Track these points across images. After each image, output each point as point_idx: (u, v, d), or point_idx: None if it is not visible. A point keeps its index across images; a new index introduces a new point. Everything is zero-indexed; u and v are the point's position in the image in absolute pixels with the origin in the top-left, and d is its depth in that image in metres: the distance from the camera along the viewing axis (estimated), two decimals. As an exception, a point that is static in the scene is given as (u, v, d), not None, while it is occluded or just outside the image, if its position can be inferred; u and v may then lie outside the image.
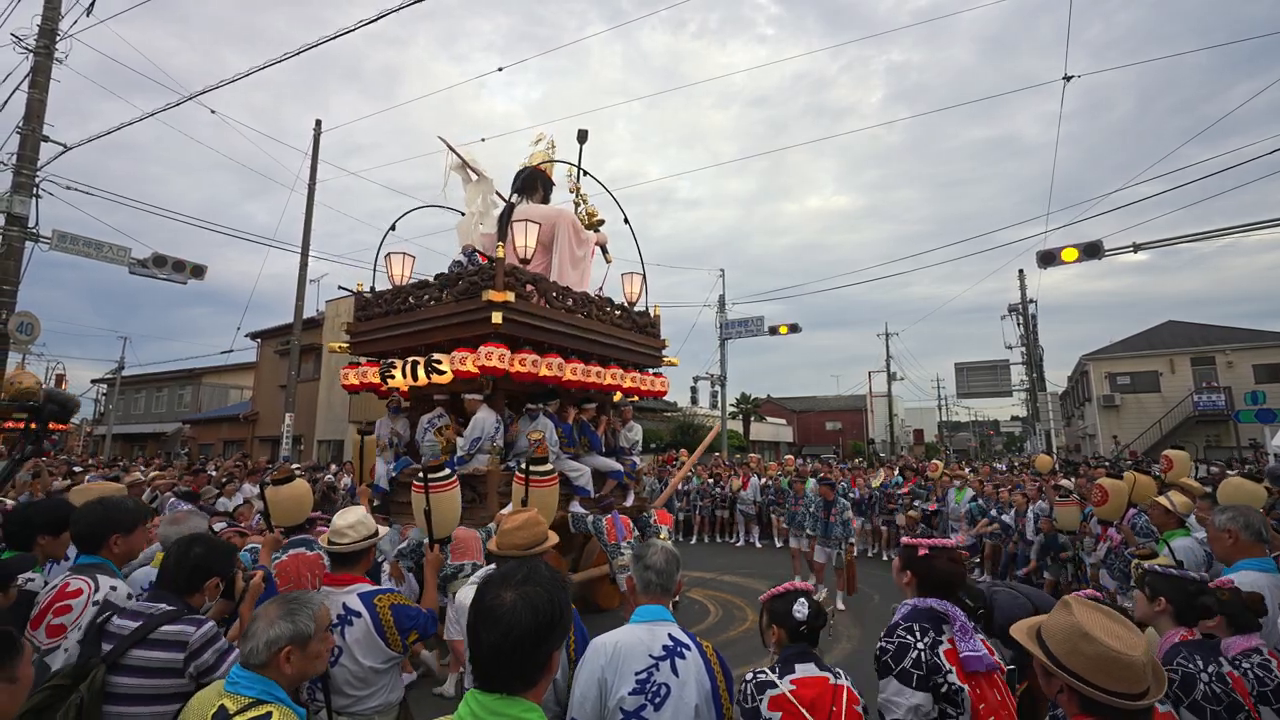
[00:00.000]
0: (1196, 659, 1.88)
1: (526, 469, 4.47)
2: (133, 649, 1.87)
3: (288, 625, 1.66)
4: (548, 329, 6.47)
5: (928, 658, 1.82)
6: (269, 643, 1.62)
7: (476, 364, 5.87)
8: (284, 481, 3.52)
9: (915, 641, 1.85)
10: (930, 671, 1.80)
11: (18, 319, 9.17)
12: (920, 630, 1.88)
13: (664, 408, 32.26)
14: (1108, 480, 5.31)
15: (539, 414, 6.43)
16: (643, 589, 2.02)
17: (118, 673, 1.83)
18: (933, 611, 1.91)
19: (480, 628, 1.24)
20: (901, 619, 1.96)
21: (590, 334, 6.97)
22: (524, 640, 1.22)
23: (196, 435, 29.21)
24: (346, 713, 2.31)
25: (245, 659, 1.61)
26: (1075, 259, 12.66)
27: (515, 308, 5.96)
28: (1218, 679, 1.84)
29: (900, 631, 1.90)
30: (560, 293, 6.81)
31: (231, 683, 1.58)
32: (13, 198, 9.12)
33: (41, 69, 9.42)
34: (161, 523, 2.96)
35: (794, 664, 1.85)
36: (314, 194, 15.56)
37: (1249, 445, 18.60)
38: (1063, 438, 31.14)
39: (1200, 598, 2.08)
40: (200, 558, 2.10)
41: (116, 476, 7.96)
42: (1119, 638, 1.41)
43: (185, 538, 2.20)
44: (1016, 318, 25.16)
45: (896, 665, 1.84)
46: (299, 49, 10.45)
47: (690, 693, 1.80)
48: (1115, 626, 1.45)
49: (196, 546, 2.13)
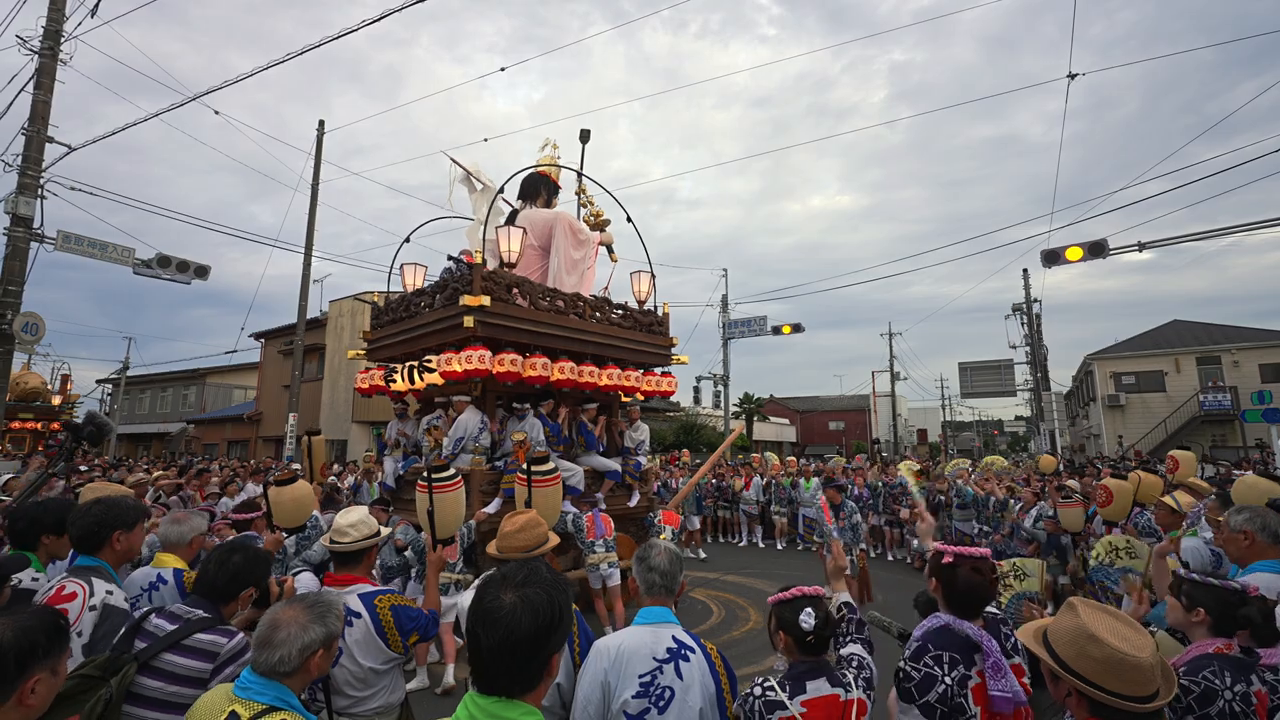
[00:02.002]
0: (1226, 675, 1.78)
1: (529, 469, 4.45)
2: (165, 652, 1.86)
3: (321, 629, 1.62)
4: (531, 330, 6.53)
5: (953, 695, 1.74)
6: (304, 648, 1.57)
7: (458, 366, 6.08)
8: (287, 483, 3.53)
9: (943, 675, 1.76)
10: (954, 712, 1.73)
11: (23, 319, 9.21)
12: (949, 661, 1.78)
13: (667, 408, 32.21)
14: (1112, 481, 5.26)
15: (527, 414, 6.55)
16: (646, 590, 2.00)
17: (145, 673, 1.83)
18: (966, 640, 1.80)
19: (479, 630, 1.22)
20: (931, 643, 1.85)
21: (583, 334, 6.95)
22: (523, 643, 1.20)
23: (201, 435, 29.33)
24: (347, 713, 2.30)
25: (273, 666, 1.54)
26: (1080, 258, 12.61)
27: (492, 311, 6.12)
28: (1241, 699, 1.74)
29: (928, 659, 1.80)
30: (547, 294, 6.82)
31: (243, 687, 1.52)
32: (18, 199, 9.16)
33: (46, 71, 9.46)
34: (163, 522, 2.96)
35: (805, 682, 1.79)
36: (317, 194, 15.60)
37: (1255, 445, 18.51)
38: (1067, 438, 31.05)
39: (1242, 609, 1.97)
40: (238, 567, 2.11)
41: (121, 479, 8.01)
42: (1126, 639, 1.39)
43: (225, 546, 2.20)
44: (1021, 317, 25.07)
45: (920, 697, 1.77)
46: (302, 49, 10.48)
47: (694, 696, 1.78)
48: (1122, 628, 1.42)
49: (236, 555, 2.14)
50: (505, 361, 6.18)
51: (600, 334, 7.16)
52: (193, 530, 2.84)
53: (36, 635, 1.34)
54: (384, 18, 9.39)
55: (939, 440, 51.52)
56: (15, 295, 9.08)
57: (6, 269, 9.08)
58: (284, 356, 21.81)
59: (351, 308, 21.12)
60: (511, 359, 6.23)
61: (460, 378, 6.28)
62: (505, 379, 6.33)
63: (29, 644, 1.32)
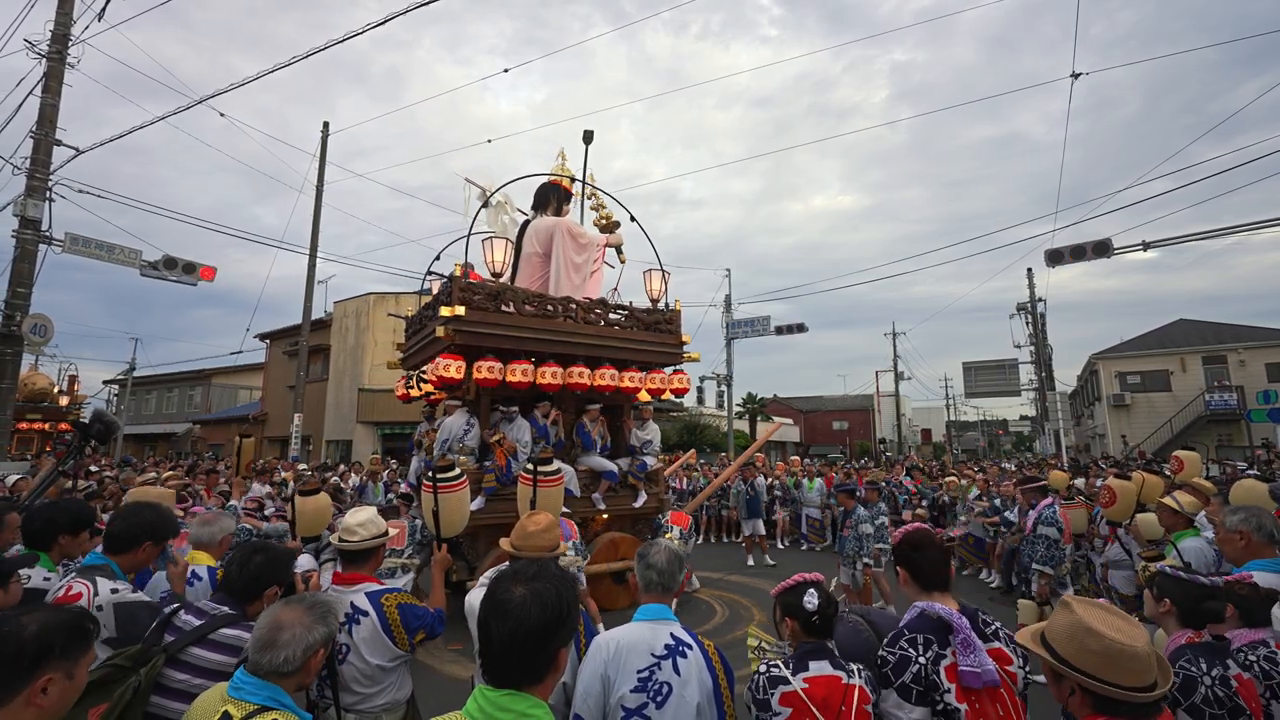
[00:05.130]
0: (1201, 662, 1.85)
1: (534, 470, 4.48)
2: (191, 645, 1.93)
3: (323, 629, 1.65)
4: (514, 336, 6.61)
5: (928, 673, 1.78)
6: (308, 648, 1.60)
7: (433, 375, 6.40)
8: (311, 493, 3.60)
9: (917, 655, 1.81)
10: (929, 688, 1.77)
11: (32, 321, 9.30)
12: (924, 643, 1.83)
13: (670, 407, 32.20)
14: (1115, 481, 5.25)
15: (515, 416, 6.72)
16: (644, 588, 2.04)
17: (173, 666, 1.89)
18: (940, 621, 1.86)
19: (491, 621, 1.29)
20: (906, 627, 1.91)
21: (573, 337, 6.96)
22: (533, 634, 1.26)
23: (206, 435, 29.46)
24: (354, 710, 2.34)
25: (277, 667, 1.56)
26: (1084, 257, 12.62)
27: (468, 320, 6.31)
28: (1221, 682, 1.80)
29: (903, 643, 1.85)
30: (533, 300, 6.88)
31: (235, 688, 1.53)
32: (27, 201, 9.25)
33: (54, 74, 9.54)
34: (194, 524, 3.04)
35: (808, 661, 1.84)
36: (322, 196, 15.68)
37: (1261, 444, 18.42)
38: (1072, 437, 30.95)
39: (1206, 602, 2.05)
40: (260, 567, 2.14)
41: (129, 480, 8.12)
42: (1121, 630, 1.43)
43: (247, 547, 2.23)
44: (1025, 316, 25.00)
45: (896, 679, 1.80)
46: (306, 53, 10.55)
47: (692, 691, 1.81)
48: (1116, 620, 1.46)
49: (257, 556, 2.17)
50: (483, 369, 6.35)
51: (593, 336, 7.12)
52: (221, 530, 2.97)
53: (56, 635, 1.35)
54: (388, 20, 9.45)
55: (943, 440, 51.43)
56: (24, 297, 9.17)
57: (15, 271, 9.17)
58: (289, 357, 21.90)
59: (356, 308, 21.21)
60: (489, 365, 6.38)
61: (438, 385, 6.63)
62: (486, 384, 6.50)
63: (46, 643, 1.33)
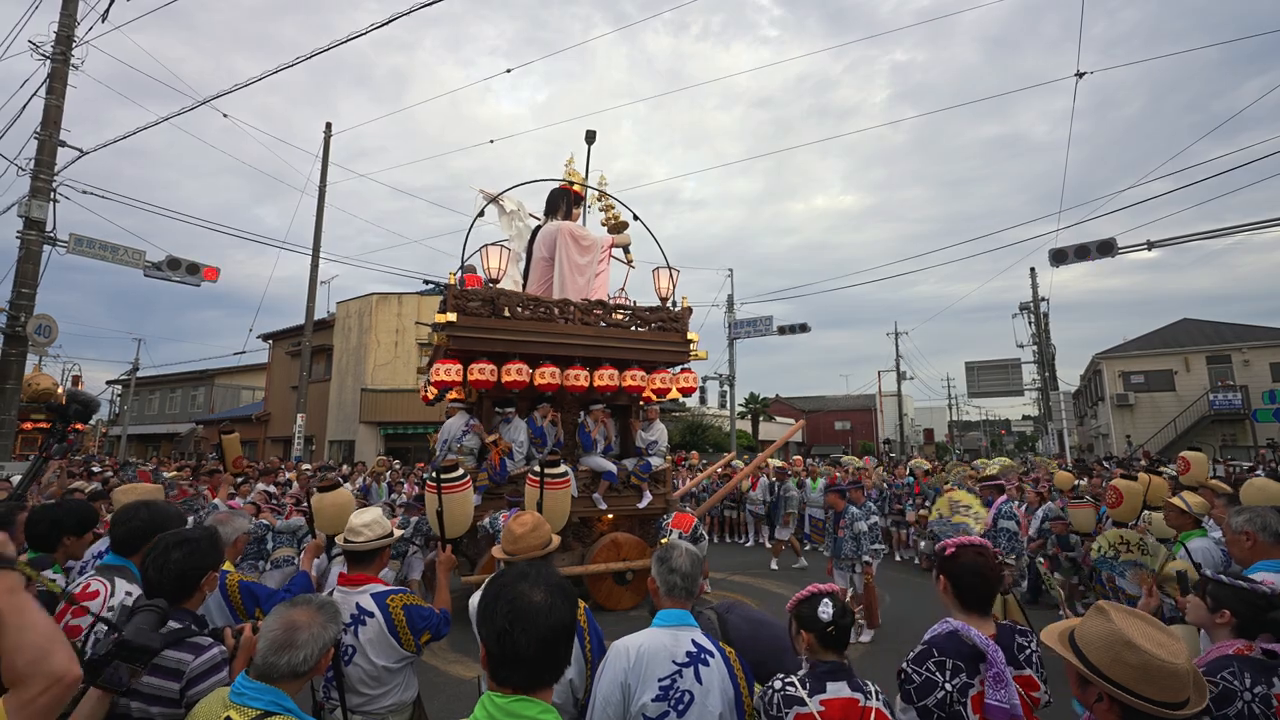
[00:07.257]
0: (1245, 676, 1.76)
1: (541, 472, 4.48)
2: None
3: (335, 628, 1.65)
4: (508, 339, 6.65)
5: (952, 701, 1.74)
6: (323, 646, 1.60)
7: (432, 379, 6.56)
8: (329, 489, 3.56)
9: (943, 681, 1.76)
10: (951, 718, 1.73)
11: (36, 321, 9.32)
12: (952, 669, 1.77)
13: (672, 407, 32.19)
14: (1121, 481, 5.25)
15: (512, 417, 6.80)
16: (666, 592, 1.96)
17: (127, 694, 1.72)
18: (973, 649, 1.78)
19: (516, 629, 1.24)
20: (935, 646, 1.83)
21: (570, 339, 6.97)
22: (561, 636, 1.27)
23: (209, 436, 29.51)
24: (361, 711, 2.33)
25: (296, 667, 1.53)
26: (1089, 257, 12.59)
27: (461, 325, 6.41)
28: (1261, 700, 1.72)
29: (931, 664, 1.79)
30: (529, 304, 6.91)
31: (237, 693, 1.50)
32: (31, 202, 9.27)
33: (58, 75, 9.57)
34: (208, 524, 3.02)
35: (825, 682, 1.78)
36: (324, 196, 15.70)
37: (1266, 444, 18.35)
38: (1075, 437, 30.84)
39: (1271, 613, 1.94)
40: (180, 563, 1.91)
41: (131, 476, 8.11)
42: (1163, 646, 1.37)
43: (160, 544, 1.96)
44: (1028, 316, 24.94)
45: (919, 700, 1.77)
46: (309, 54, 10.56)
47: (714, 700, 1.77)
48: (1157, 634, 1.40)
49: (174, 551, 1.92)
50: (476, 371, 6.42)
51: (592, 337, 7.11)
52: (235, 530, 2.88)
53: None
54: (391, 21, 9.46)
55: (946, 440, 51.36)
56: (29, 298, 9.19)
57: (20, 272, 9.19)
58: (291, 357, 21.92)
59: (359, 309, 21.25)
60: (480, 368, 6.45)
61: (438, 388, 6.91)
62: (480, 386, 6.58)
63: None
